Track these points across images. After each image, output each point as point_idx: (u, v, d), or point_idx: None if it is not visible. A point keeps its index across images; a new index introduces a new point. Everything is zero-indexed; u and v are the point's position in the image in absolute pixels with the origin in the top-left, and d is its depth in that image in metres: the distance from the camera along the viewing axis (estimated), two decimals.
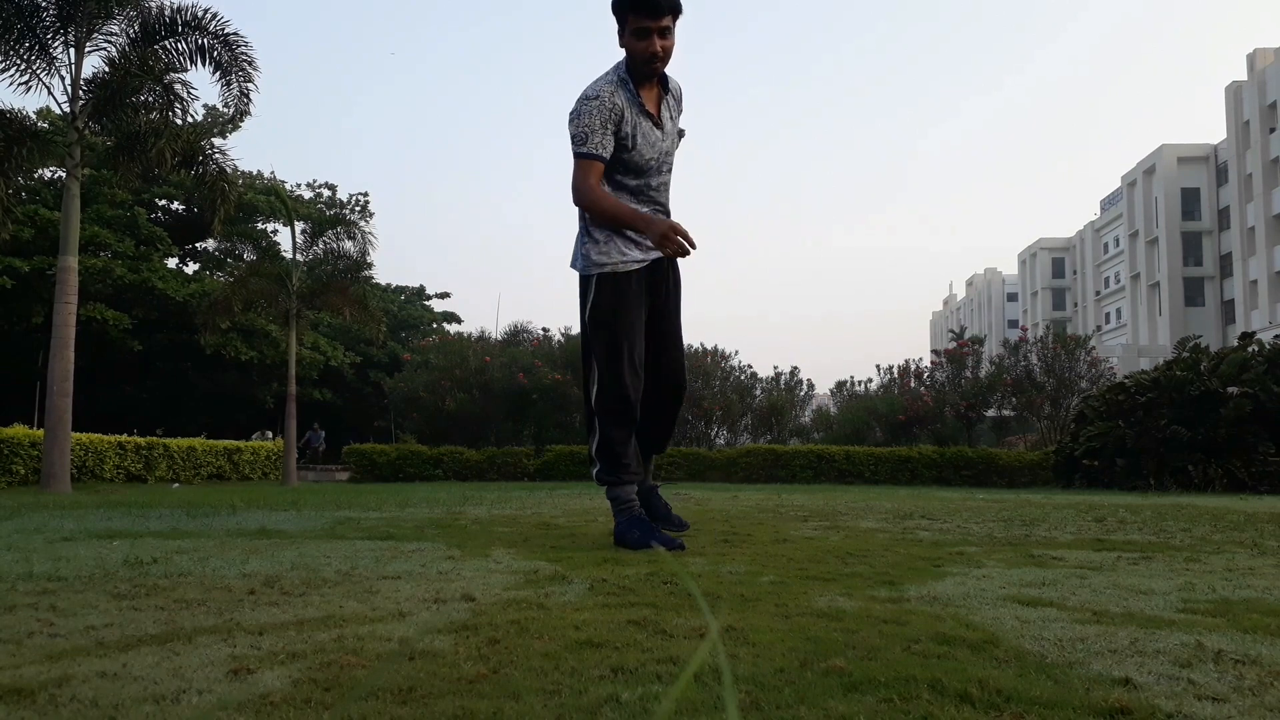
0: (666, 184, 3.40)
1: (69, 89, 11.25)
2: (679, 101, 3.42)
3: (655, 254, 3.25)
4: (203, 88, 53.65)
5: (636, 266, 3.27)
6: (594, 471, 3.35)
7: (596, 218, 3.19)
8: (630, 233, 3.23)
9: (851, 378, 21.44)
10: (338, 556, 2.83)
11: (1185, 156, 48.52)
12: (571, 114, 3.17)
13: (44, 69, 11.10)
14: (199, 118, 23.21)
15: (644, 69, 3.17)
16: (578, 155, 3.13)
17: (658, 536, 3.14)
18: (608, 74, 3.21)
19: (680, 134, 3.44)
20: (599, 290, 3.27)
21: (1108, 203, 58.80)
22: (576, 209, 3.26)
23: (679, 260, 3.36)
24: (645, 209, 3.26)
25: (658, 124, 3.27)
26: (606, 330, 3.26)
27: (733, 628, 1.69)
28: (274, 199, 25.35)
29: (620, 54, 3.21)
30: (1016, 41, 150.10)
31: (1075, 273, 64.21)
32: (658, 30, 3.09)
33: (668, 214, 3.38)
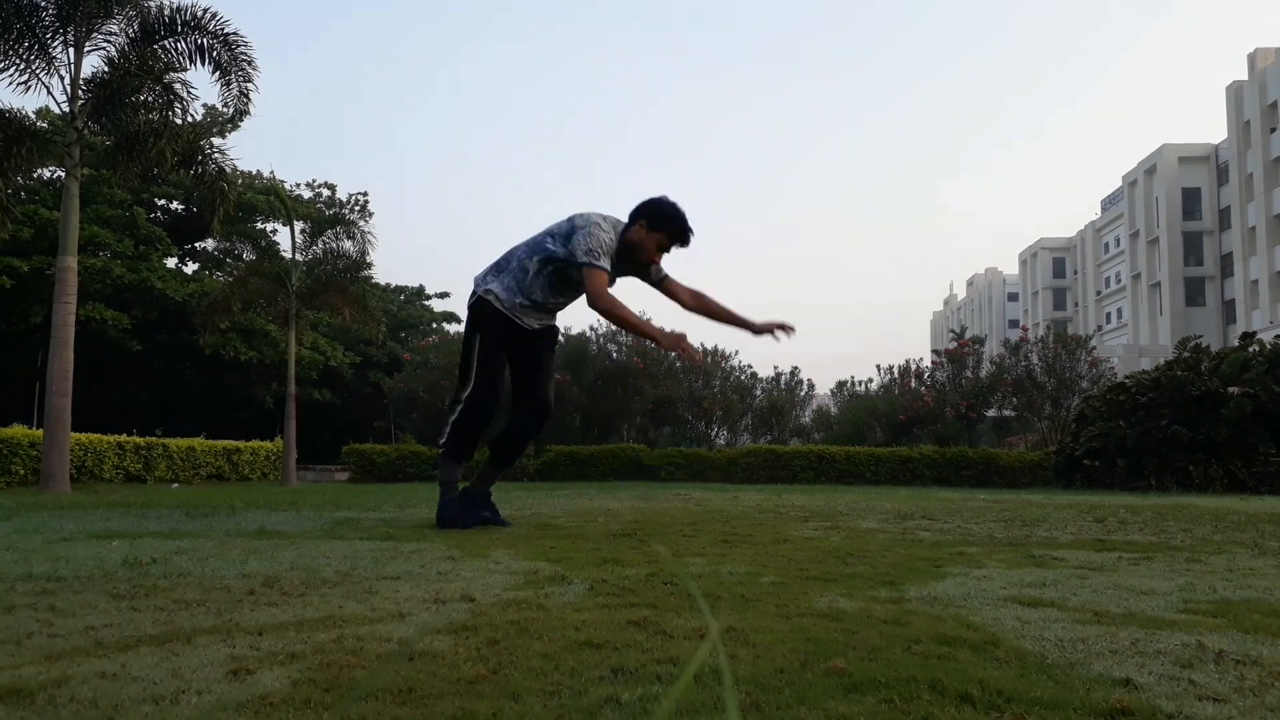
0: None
1: (68, 89, 11.23)
2: None
3: (535, 327, 4.12)
4: (202, 87, 53.54)
5: (523, 325, 4.09)
6: (443, 442, 4.08)
7: (616, 323, 3.95)
8: (530, 307, 4.05)
9: (852, 378, 21.43)
10: (337, 557, 2.82)
11: (1186, 156, 48.52)
12: (583, 225, 3.90)
13: (43, 69, 11.09)
14: (198, 117, 23.20)
15: (638, 260, 4.03)
16: (591, 266, 3.84)
17: (479, 517, 4.01)
18: (612, 221, 3.98)
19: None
20: (491, 321, 4.03)
21: (1108, 202, 58.81)
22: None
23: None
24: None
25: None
26: (494, 350, 4.04)
27: (733, 628, 1.68)
28: (273, 199, 25.33)
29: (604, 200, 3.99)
30: (1016, 40, 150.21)
31: (1076, 273, 64.23)
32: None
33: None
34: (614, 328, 20.02)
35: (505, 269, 4.10)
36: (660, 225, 3.99)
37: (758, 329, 4.08)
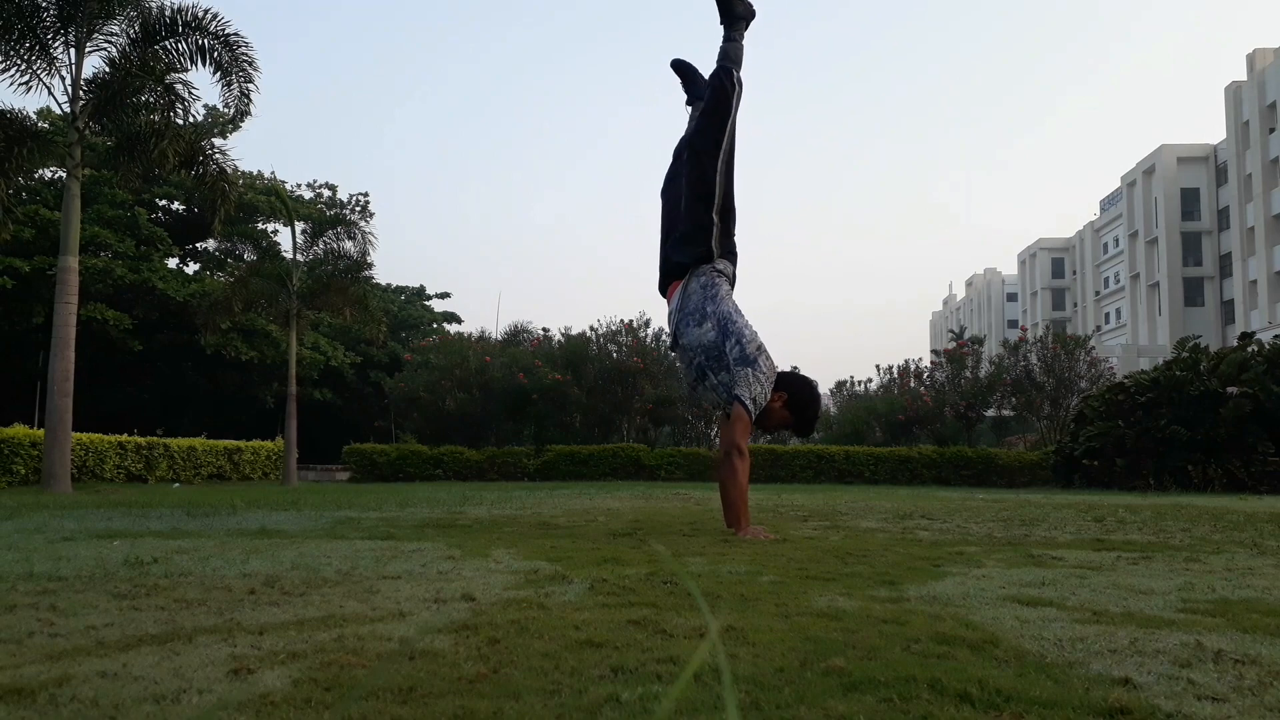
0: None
1: (69, 89, 11.23)
2: None
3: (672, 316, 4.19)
4: (203, 88, 53.59)
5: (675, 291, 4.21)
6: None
7: (726, 474, 3.91)
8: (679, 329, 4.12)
9: (851, 378, 21.46)
10: (338, 556, 2.83)
11: (1185, 157, 48.51)
12: (764, 370, 3.90)
13: (44, 69, 11.09)
14: (199, 118, 23.22)
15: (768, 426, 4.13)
16: (744, 409, 3.84)
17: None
18: (773, 377, 3.96)
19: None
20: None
21: (1107, 203, 58.80)
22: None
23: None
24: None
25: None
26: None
27: (732, 627, 1.69)
28: (274, 199, 25.32)
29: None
30: (1016, 41, 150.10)
31: (1075, 273, 64.22)
32: None
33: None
34: (614, 328, 20.07)
35: (717, 299, 4.05)
36: (795, 411, 4.05)
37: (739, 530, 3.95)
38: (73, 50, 11.18)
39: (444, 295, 37.42)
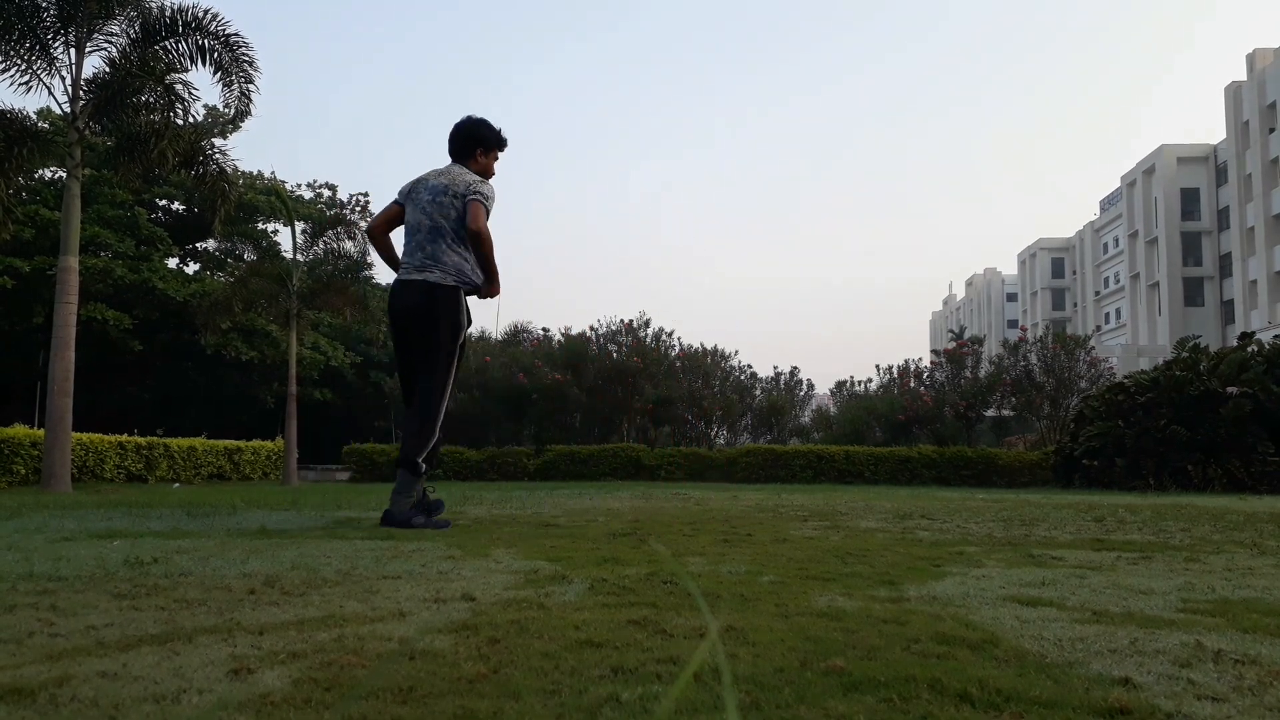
0: None
1: (69, 89, 11.23)
2: None
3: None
4: (203, 88, 53.75)
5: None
6: (423, 467, 4.22)
7: (486, 252, 4.19)
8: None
9: (851, 377, 21.43)
10: (338, 556, 2.83)
11: (1185, 157, 48.53)
12: (486, 188, 4.26)
13: (44, 69, 11.09)
14: (199, 118, 23.20)
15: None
16: (488, 211, 4.21)
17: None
18: (480, 177, 4.32)
19: None
20: (466, 311, 4.27)
21: (1107, 203, 58.80)
22: (474, 240, 4.18)
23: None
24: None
25: None
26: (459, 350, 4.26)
27: (732, 627, 1.69)
28: (274, 199, 25.33)
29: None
30: (1016, 41, 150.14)
31: (1075, 273, 64.24)
32: None
33: None
34: (614, 328, 20.12)
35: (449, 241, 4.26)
36: (492, 145, 4.46)
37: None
38: (73, 50, 11.18)
39: None
